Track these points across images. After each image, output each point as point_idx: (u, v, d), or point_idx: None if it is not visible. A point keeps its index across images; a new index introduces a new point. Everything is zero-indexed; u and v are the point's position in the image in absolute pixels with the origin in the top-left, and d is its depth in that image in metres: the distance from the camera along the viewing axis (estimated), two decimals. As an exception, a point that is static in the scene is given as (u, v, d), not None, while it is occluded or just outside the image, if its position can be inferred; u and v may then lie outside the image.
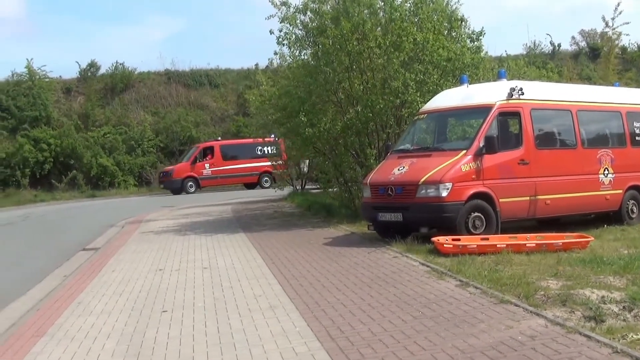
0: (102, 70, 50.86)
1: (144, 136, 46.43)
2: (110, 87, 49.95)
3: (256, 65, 46.69)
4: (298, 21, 18.51)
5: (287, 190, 31.03)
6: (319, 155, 20.49)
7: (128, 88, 50.28)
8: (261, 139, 38.00)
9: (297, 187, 30.78)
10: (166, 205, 30.54)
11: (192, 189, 38.78)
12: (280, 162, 33.35)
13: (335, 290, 9.08)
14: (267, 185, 40.15)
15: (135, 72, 51.14)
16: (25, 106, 44.69)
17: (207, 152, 40.37)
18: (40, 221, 28.36)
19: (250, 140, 40.54)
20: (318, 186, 26.64)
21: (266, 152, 38.95)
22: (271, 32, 18.56)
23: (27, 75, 46.55)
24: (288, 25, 18.49)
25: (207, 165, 39.46)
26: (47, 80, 47.55)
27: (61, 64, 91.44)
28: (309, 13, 18.33)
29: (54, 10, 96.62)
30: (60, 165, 43.06)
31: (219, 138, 42.32)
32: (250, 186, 41.43)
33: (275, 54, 19.94)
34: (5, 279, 12.98)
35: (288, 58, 20.14)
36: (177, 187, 38.72)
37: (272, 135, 36.31)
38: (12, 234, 23.67)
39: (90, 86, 49.62)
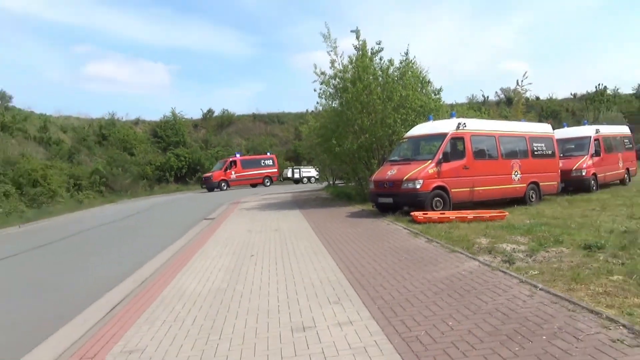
0: (215, 114, 51.47)
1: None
2: (220, 123, 50.48)
3: (307, 110, 46.83)
4: (330, 83, 18.56)
5: (325, 184, 31.10)
6: (343, 164, 20.47)
7: (231, 124, 50.77)
8: (265, 155, 39.89)
9: (330, 182, 30.79)
10: (253, 193, 30.76)
11: (225, 188, 35.40)
12: (275, 170, 38.55)
13: (352, 243, 9.12)
14: (267, 184, 38.03)
15: (235, 115, 51.57)
16: (170, 135, 45.47)
17: (233, 163, 36.81)
18: (181, 202, 28.74)
19: (259, 156, 40.09)
20: (343, 182, 26.68)
21: (267, 164, 38.49)
22: (315, 90, 18.78)
23: (172, 117, 47.34)
24: (324, 86, 18.61)
25: (233, 172, 36.30)
26: (183, 119, 48.21)
27: (191, 109, 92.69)
28: (337, 79, 18.36)
29: (187, 78, 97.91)
30: (191, 170, 43.64)
31: (238, 155, 38.44)
32: (254, 185, 38.12)
33: (317, 103, 20.32)
34: (162, 235, 13.25)
35: (324, 105, 20.38)
36: (215, 186, 35.43)
37: (268, 153, 40.57)
38: (166, 210, 24.07)
39: (209, 123, 50.29)
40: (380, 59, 17.90)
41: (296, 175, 42.86)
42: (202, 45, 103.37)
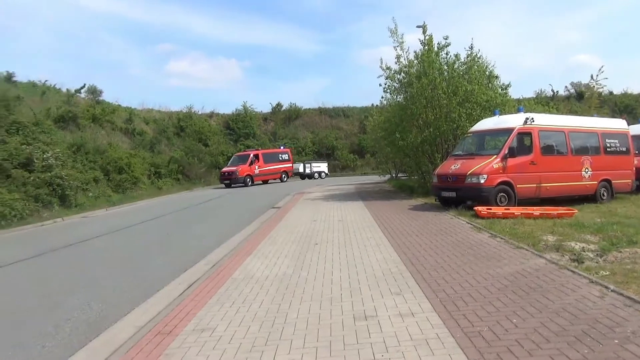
0: (284, 107, 52.09)
1: (306, 145, 47.32)
2: (288, 117, 51.03)
3: (372, 104, 46.30)
4: (395, 78, 18.27)
5: (387, 177, 30.77)
6: (406, 157, 20.14)
7: (298, 117, 51.18)
8: (282, 149, 37.81)
9: (393, 175, 30.41)
10: (318, 184, 31.02)
11: (250, 183, 32.11)
12: (290, 165, 36.75)
13: (414, 235, 8.95)
14: (285, 180, 35.38)
15: (302, 109, 52.01)
16: (241, 127, 46.67)
17: (256, 157, 33.71)
18: (248, 191, 29.46)
19: (276, 149, 37.63)
20: (405, 175, 26.29)
21: (283, 158, 36.20)
22: (380, 85, 18.63)
23: (243, 110, 48.55)
24: (390, 81, 18.36)
25: (256, 167, 33.23)
26: (254, 113, 49.27)
27: (261, 103, 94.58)
28: (402, 74, 18.04)
29: (258, 74, 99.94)
30: (260, 160, 44.70)
31: (259, 148, 36.39)
32: (265, 181, 34.98)
33: (382, 97, 20.18)
34: (233, 221, 13.64)
35: (389, 100, 20.14)
36: (240, 182, 31.81)
37: (282, 147, 38.36)
38: (236, 198, 24.79)
39: (277, 116, 51.01)
40: (447, 54, 17.38)
41: (307, 171, 40.27)
42: (272, 42, 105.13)
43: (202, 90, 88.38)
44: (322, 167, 39.82)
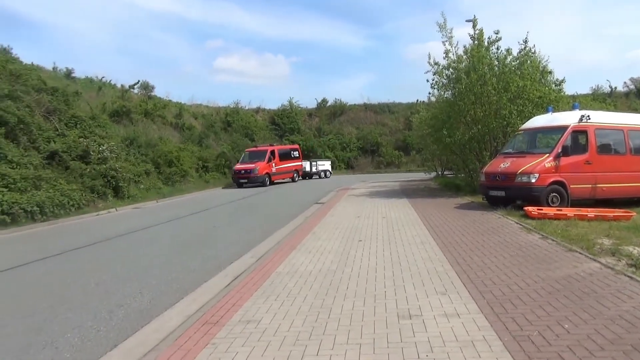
0: (329, 103, 52.22)
1: (351, 141, 47.28)
2: (333, 112, 51.15)
3: (417, 100, 45.68)
4: (444, 74, 17.91)
5: (433, 174, 30.30)
6: (453, 155, 19.76)
7: (342, 113, 51.21)
8: (292, 145, 35.44)
9: (439, 173, 29.90)
10: (362, 180, 30.92)
11: (268, 183, 28.85)
12: (300, 163, 34.62)
13: (460, 235, 8.78)
14: (297, 180, 32.07)
15: (347, 105, 51.93)
16: (286, 123, 47.23)
17: (272, 154, 30.51)
18: (294, 186, 29.79)
19: (289, 146, 35.31)
20: (452, 173, 25.81)
21: (295, 155, 33.61)
22: (427, 81, 18.31)
23: (289, 105, 49.07)
24: (437, 77, 18.01)
25: (274, 164, 30.23)
26: (299, 108, 49.73)
27: (307, 99, 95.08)
28: (450, 69, 17.66)
29: (304, 69, 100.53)
30: (304, 156, 44.94)
31: (274, 144, 32.81)
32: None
33: (429, 93, 19.85)
34: (277, 217, 13.83)
35: (436, 96, 19.80)
36: (259, 181, 28.31)
37: (293, 145, 35.52)
38: (279, 192, 25.11)
39: (322, 112, 51.25)
40: (497, 49, 16.87)
41: (314, 169, 37.66)
42: (320, 38, 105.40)
43: (249, 86, 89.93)
44: (327, 165, 38.76)
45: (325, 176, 36.89)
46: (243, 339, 4.25)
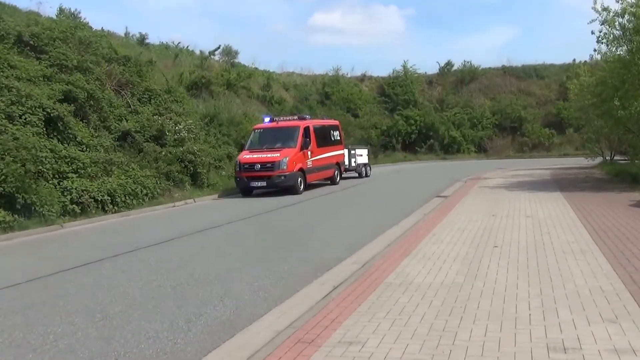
0: (454, 67, 51.18)
1: (484, 116, 46.01)
2: (460, 79, 50.10)
3: (574, 60, 42.92)
4: (616, 23, 16.67)
5: (597, 160, 28.46)
6: (629, 133, 18.41)
7: (473, 80, 49.95)
8: (328, 119, 26.64)
9: (607, 158, 27.97)
10: (499, 167, 29.93)
11: (302, 188, 20.44)
12: (342, 151, 25.28)
13: (637, 242, 8.15)
14: (337, 181, 23.97)
15: (479, 68, 50.48)
16: (400, 93, 47.00)
17: (307, 134, 21.93)
18: (408, 175, 29.63)
19: (326, 121, 26.19)
20: (626, 158, 24.07)
21: (335, 138, 25.14)
22: (592, 33, 17.22)
23: (402, 72, 48.72)
24: (607, 27, 16.83)
25: (309, 153, 21.65)
26: (415, 75, 49.29)
27: (426, 63, 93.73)
28: (626, 16, 16.38)
29: (423, 26, 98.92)
30: (422, 135, 44.49)
31: (266, 118, 23.39)
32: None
33: (594, 50, 18.56)
34: (387, 213, 13.86)
35: (604, 54, 18.47)
36: (290, 184, 20.06)
37: (325, 117, 26.84)
38: (389, 182, 25.11)
39: (446, 79, 50.40)
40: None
41: (352, 163, 27.89)
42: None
43: (352, 48, 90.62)
44: (364, 155, 28.85)
45: (366, 174, 27.93)
46: (344, 364, 4.32)
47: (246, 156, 20.75)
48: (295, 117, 23.62)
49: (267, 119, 23.04)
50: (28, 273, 8.70)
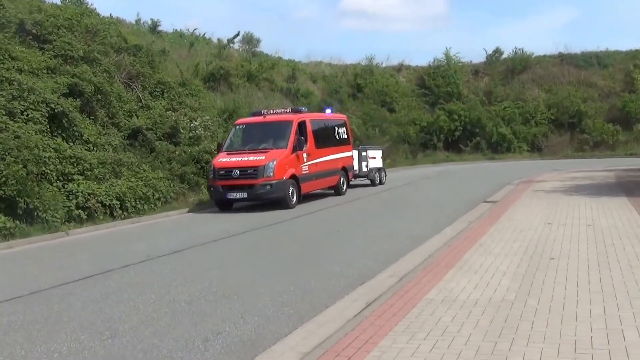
0: (504, 55, 50.67)
1: (538, 110, 45.35)
2: (511, 68, 49.51)
3: (645, 45, 42.36)
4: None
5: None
6: None
7: (525, 69, 49.35)
8: (329, 113, 23.93)
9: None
10: (555, 168, 29.56)
11: (294, 202, 18.13)
12: (350, 152, 23.17)
13: None
14: (344, 190, 21.58)
15: (532, 56, 49.90)
16: (442, 85, 46.65)
17: (303, 130, 19.72)
18: (450, 176, 29.45)
19: (330, 115, 23.85)
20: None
21: (341, 137, 22.97)
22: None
23: (445, 61, 48.36)
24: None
25: (304, 157, 19.33)
26: (459, 64, 48.89)
27: (471, 51, 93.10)
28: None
29: (469, 8, 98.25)
30: (467, 132, 44.10)
31: (302, 108, 22.28)
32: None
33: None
34: (427, 220, 13.80)
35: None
36: (280, 197, 17.89)
37: (329, 110, 24.28)
38: (429, 185, 24.99)
39: (494, 68, 49.88)
40: None
41: (363, 167, 25.65)
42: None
43: (387, 34, 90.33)
44: (378, 158, 26.91)
45: (380, 181, 26.08)
46: (379, 390, 4.31)
47: (222, 159, 18.47)
48: (289, 110, 21.60)
49: (262, 112, 20.83)
50: (30, 285, 8.88)
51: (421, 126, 43.58)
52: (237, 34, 39.40)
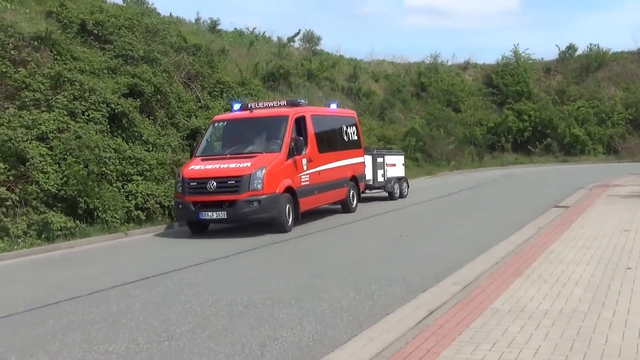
0: (578, 52, 49.46)
1: (614, 110, 44.02)
2: (585, 66, 48.29)
3: None
4: None
5: None
6: None
7: (601, 67, 48.06)
8: (336, 109, 19.98)
9: None
10: (633, 172, 28.65)
11: (290, 220, 14.63)
12: (362, 157, 19.94)
13: None
14: (354, 205, 18.31)
15: (609, 53, 48.50)
16: (510, 84, 45.84)
17: (300, 129, 16.29)
18: (519, 180, 28.92)
19: (336, 111, 20.01)
20: None
21: (351, 137, 19.63)
22: None
23: (514, 58, 47.55)
24: None
25: (304, 162, 15.81)
26: (530, 61, 47.97)
27: (542, 47, 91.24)
28: None
29: (542, 4, 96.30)
30: (537, 133, 43.15)
31: (301, 100, 18.55)
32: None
33: None
34: (494, 225, 13.61)
35: None
36: (270, 217, 14.34)
37: (333, 105, 20.24)
38: (496, 189, 24.60)
39: (567, 66, 48.71)
40: None
41: (379, 177, 22.61)
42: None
43: (453, 31, 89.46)
44: (399, 166, 23.49)
45: (400, 194, 22.38)
46: (441, 403, 4.27)
47: (195, 167, 14.72)
48: (283, 103, 17.31)
49: (237, 106, 17.31)
50: (90, 285, 9.20)
51: (488, 127, 42.93)
52: (298, 33, 39.72)
